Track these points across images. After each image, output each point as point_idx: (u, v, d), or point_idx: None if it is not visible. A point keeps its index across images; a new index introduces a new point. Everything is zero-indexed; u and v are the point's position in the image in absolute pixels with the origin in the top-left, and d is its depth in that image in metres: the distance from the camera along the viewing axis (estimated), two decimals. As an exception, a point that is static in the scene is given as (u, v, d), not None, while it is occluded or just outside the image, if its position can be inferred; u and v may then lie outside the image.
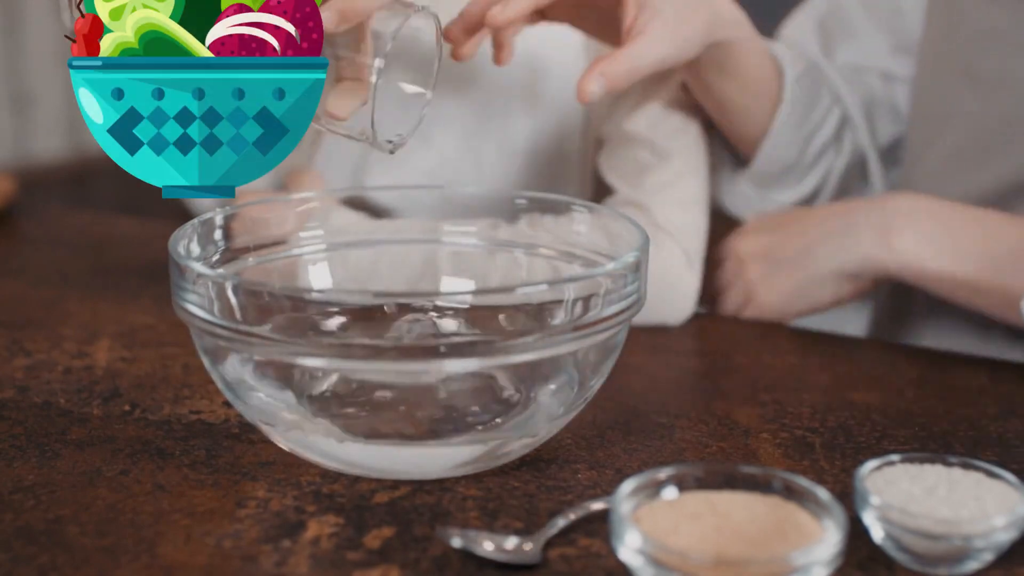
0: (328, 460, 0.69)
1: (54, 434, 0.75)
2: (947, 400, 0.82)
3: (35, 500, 0.67)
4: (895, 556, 0.61)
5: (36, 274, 1.07)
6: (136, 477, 0.70)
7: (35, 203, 1.26)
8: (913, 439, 0.76)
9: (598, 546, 0.62)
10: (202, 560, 0.61)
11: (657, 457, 0.73)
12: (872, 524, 0.60)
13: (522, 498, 0.67)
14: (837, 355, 0.90)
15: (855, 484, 0.61)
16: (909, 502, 0.60)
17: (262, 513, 0.66)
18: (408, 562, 0.61)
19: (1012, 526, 0.59)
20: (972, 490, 0.61)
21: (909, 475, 0.63)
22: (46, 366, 0.86)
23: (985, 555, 0.59)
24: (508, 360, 0.65)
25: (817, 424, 0.78)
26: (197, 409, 0.79)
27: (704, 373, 0.87)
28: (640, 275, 0.69)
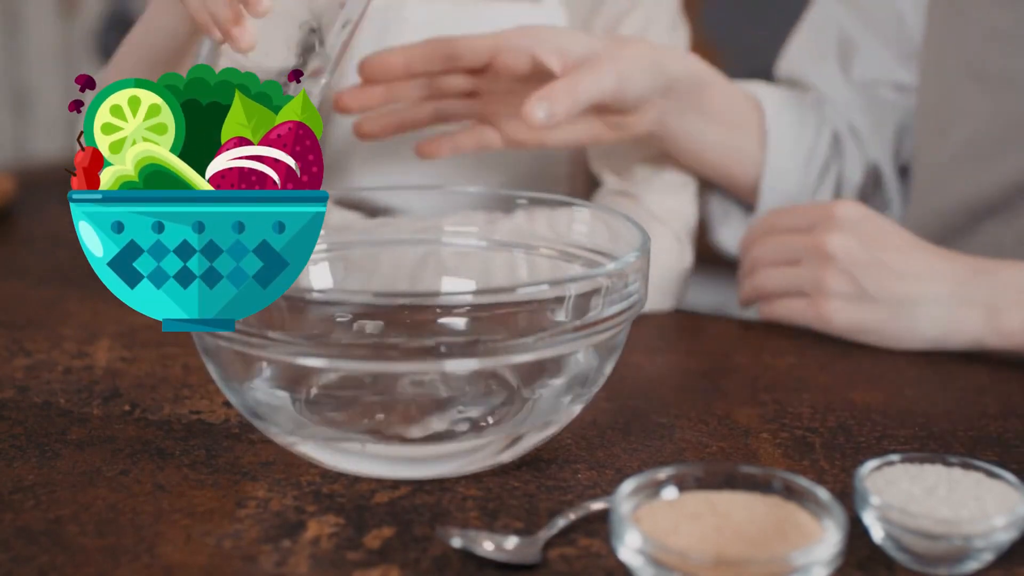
0: (328, 460, 0.69)
1: (54, 434, 0.75)
2: (947, 400, 0.82)
3: (35, 500, 0.67)
4: (895, 556, 0.61)
5: (36, 274, 1.07)
6: (136, 477, 0.70)
7: (35, 203, 1.26)
8: (913, 439, 0.76)
9: (598, 546, 0.62)
10: (202, 560, 0.61)
11: (657, 457, 0.73)
12: (872, 524, 0.60)
13: (522, 498, 0.67)
14: (837, 355, 0.90)
15: (855, 484, 0.61)
16: (909, 502, 0.60)
17: (262, 513, 0.66)
18: (408, 562, 0.61)
19: (1012, 526, 0.59)
20: (972, 490, 0.61)
21: (909, 475, 0.63)
22: (46, 366, 0.86)
23: (985, 555, 0.59)
24: (508, 360, 0.65)
25: (817, 424, 0.78)
26: (197, 409, 0.79)
27: (704, 373, 0.87)
28: (641, 275, 0.69)
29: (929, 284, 0.89)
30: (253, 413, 0.70)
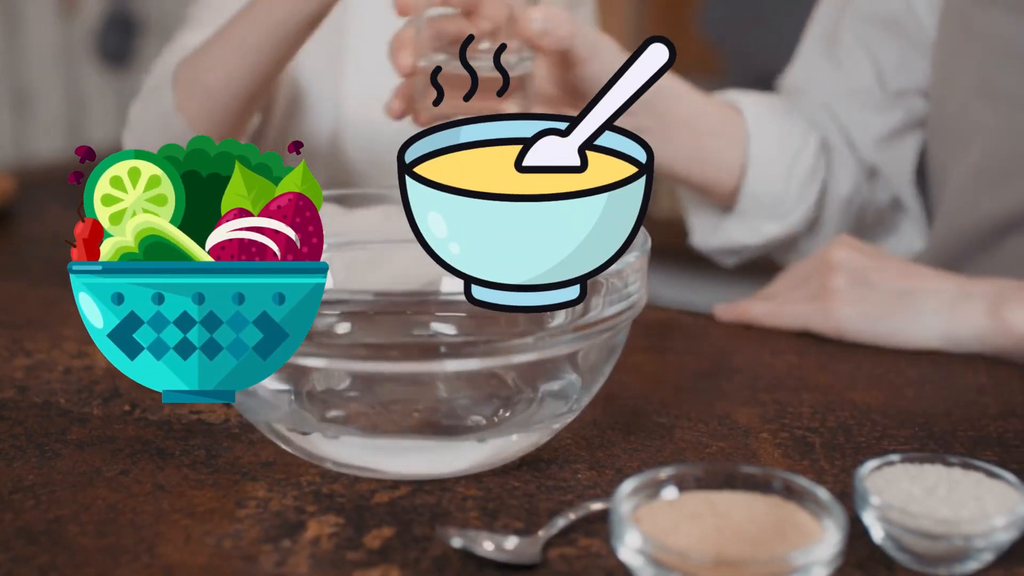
0: (328, 460, 0.69)
1: (54, 434, 0.75)
2: (947, 400, 0.82)
3: (35, 500, 0.67)
4: (895, 556, 0.61)
5: (36, 274, 1.07)
6: (136, 477, 0.70)
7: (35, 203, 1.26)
8: (913, 439, 0.76)
9: (598, 546, 0.62)
10: (202, 560, 0.61)
11: (657, 457, 0.73)
12: (872, 524, 0.60)
13: (522, 498, 0.67)
14: (837, 355, 0.90)
15: (855, 484, 0.61)
16: (909, 502, 0.60)
17: (262, 513, 0.66)
18: (408, 562, 0.61)
19: (1012, 526, 0.59)
20: (972, 490, 0.61)
21: (909, 475, 0.63)
22: (46, 366, 0.86)
23: (985, 555, 0.59)
24: (508, 360, 0.65)
25: (817, 424, 0.78)
26: (197, 409, 0.79)
27: (704, 373, 0.87)
28: (641, 275, 0.69)
29: (932, 280, 0.90)
30: (253, 412, 0.70)
